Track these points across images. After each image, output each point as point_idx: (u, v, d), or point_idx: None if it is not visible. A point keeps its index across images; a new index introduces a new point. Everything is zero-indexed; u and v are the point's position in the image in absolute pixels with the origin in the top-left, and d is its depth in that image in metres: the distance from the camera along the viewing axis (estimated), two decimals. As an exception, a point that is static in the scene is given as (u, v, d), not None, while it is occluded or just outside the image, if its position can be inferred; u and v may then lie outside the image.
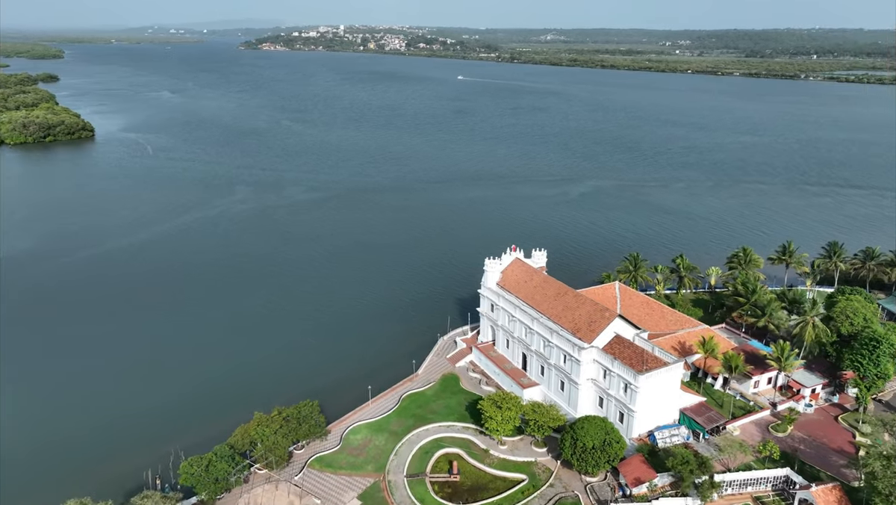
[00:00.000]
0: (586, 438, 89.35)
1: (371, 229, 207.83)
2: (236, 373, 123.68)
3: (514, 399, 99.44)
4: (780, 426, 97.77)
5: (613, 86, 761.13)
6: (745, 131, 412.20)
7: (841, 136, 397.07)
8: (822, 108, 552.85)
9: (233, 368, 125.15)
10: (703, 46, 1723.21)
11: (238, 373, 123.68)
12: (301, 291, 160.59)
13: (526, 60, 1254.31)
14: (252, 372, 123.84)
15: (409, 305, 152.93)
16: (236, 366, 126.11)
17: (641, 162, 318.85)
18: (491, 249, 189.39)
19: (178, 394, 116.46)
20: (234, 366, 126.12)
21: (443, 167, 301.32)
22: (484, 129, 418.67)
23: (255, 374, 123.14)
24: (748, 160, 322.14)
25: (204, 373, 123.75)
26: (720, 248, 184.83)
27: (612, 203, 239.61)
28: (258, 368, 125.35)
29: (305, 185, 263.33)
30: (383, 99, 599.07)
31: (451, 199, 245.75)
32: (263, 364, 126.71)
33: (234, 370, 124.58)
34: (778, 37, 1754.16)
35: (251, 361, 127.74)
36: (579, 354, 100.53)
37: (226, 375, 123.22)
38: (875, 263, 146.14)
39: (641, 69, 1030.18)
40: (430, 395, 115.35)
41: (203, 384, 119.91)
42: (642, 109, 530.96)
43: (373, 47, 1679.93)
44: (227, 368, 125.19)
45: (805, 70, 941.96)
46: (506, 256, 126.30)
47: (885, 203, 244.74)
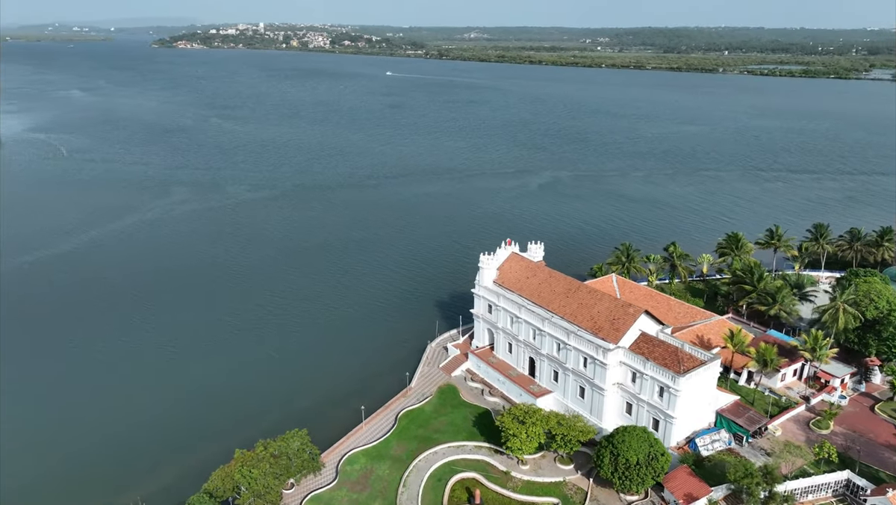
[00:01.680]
0: (629, 452, 78.42)
1: (332, 229, 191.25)
2: (204, 401, 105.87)
3: (537, 412, 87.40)
4: (821, 422, 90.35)
5: (545, 80, 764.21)
6: (685, 121, 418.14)
7: (770, 124, 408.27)
8: (744, 98, 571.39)
9: (200, 396, 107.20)
10: (622, 43, 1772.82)
11: (207, 401, 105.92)
12: (267, 300, 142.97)
13: (454, 57, 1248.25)
14: (223, 399, 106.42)
15: (389, 310, 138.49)
16: (204, 392, 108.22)
17: (592, 152, 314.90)
18: (464, 245, 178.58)
19: (134, 430, 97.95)
20: (200, 393, 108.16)
21: (393, 162, 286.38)
22: (426, 123, 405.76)
23: (227, 401, 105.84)
24: (696, 148, 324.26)
25: (165, 403, 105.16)
26: (697, 235, 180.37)
27: (576, 194, 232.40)
28: (229, 393, 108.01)
29: (248, 183, 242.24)
30: (315, 95, 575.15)
31: (410, 194, 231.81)
32: (235, 388, 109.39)
33: (201, 398, 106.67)
34: (689, 34, 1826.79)
35: (220, 386, 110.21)
36: (604, 357, 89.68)
37: (192, 404, 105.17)
38: (861, 244, 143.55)
39: (568, 64, 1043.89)
40: (429, 411, 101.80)
41: (165, 417, 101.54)
42: (579, 102, 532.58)
43: (296, 45, 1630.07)
44: (193, 397, 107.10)
45: (721, 64, 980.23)
46: (501, 250, 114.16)
47: (834, 186, 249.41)
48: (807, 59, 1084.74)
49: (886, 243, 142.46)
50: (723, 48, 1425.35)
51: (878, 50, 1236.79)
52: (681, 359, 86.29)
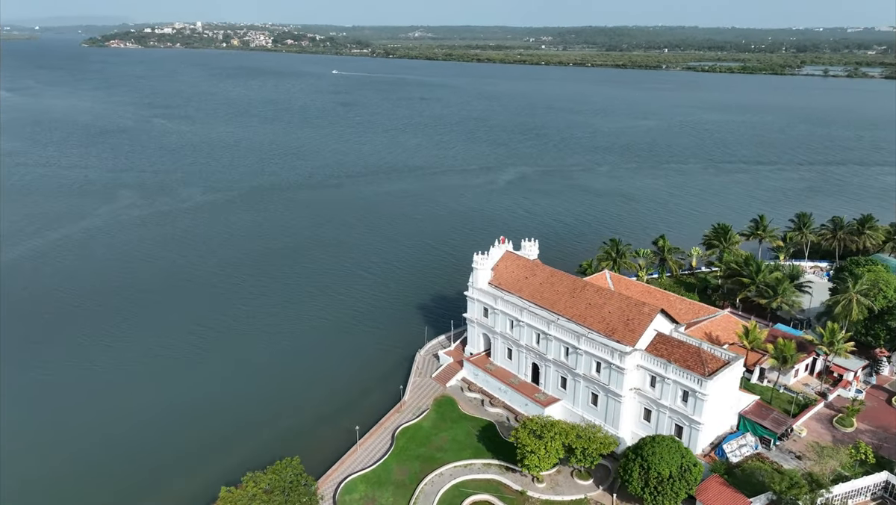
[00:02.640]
0: (661, 464, 72.00)
1: (298, 231, 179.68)
2: (177, 429, 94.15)
3: (556, 424, 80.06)
4: (844, 420, 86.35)
5: (494, 78, 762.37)
6: (639, 116, 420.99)
7: (719, 118, 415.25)
8: (690, 93, 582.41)
9: (170, 423, 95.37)
10: (565, 42, 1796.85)
11: (179, 428, 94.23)
12: (236, 310, 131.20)
13: (401, 55, 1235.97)
14: (199, 424, 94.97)
15: (370, 317, 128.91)
16: (174, 419, 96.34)
17: (553, 148, 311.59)
18: (441, 246, 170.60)
19: (98, 467, 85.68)
20: (170, 420, 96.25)
21: (353, 160, 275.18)
22: (382, 121, 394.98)
23: (203, 426, 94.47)
24: (655, 142, 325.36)
25: (131, 433, 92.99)
26: (673, 228, 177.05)
27: (546, 190, 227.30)
28: (205, 418, 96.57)
29: (202, 185, 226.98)
30: (261, 93, 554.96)
31: (375, 192, 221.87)
32: (211, 412, 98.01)
33: (171, 426, 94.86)
34: (629, 33, 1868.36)
35: (194, 410, 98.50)
36: (622, 361, 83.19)
37: (162, 433, 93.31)
38: (844, 232, 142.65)
39: (515, 62, 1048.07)
40: (427, 426, 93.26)
41: (134, 450, 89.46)
42: (532, 98, 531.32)
43: (237, 44, 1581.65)
44: (162, 424, 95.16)
45: (664, 61, 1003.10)
46: (494, 249, 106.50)
47: (793, 176, 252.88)
48: (742, 56, 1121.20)
49: (868, 231, 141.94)
50: (662, 46, 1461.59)
51: (805, 48, 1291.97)
52: (704, 360, 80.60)
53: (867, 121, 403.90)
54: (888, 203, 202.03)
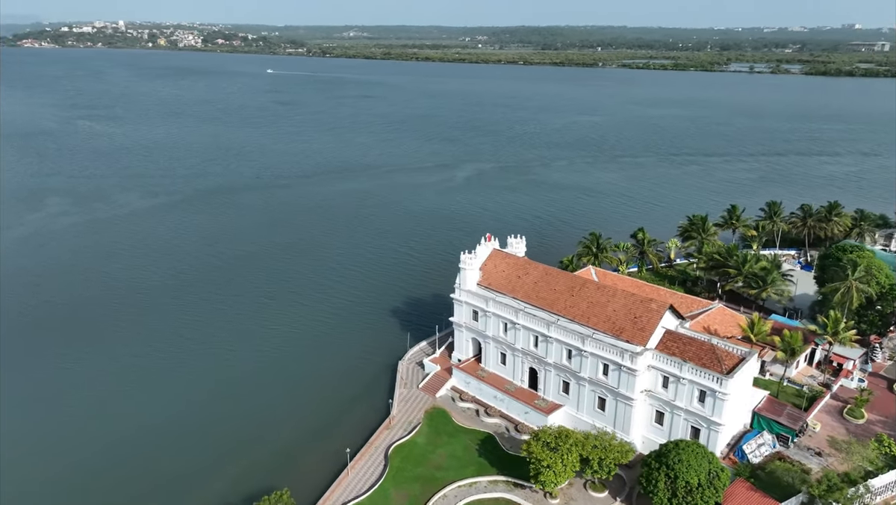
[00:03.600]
0: (689, 472, 66.79)
1: (253, 235, 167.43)
2: (140, 465, 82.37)
3: (570, 434, 73.87)
4: (854, 410, 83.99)
5: (435, 76, 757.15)
6: (584, 111, 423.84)
7: (662, 112, 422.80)
8: (628, 89, 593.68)
9: (130, 459, 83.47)
10: (501, 41, 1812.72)
11: (143, 464, 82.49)
12: (192, 324, 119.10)
13: (338, 55, 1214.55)
14: (166, 458, 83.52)
15: (344, 326, 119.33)
16: (135, 455, 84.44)
17: (506, 144, 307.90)
18: (407, 246, 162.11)
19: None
20: (129, 455, 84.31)
21: (302, 160, 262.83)
22: (327, 120, 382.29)
23: (173, 459, 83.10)
24: (605, 137, 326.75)
25: (84, 471, 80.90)
26: (640, 220, 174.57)
27: (508, 185, 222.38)
28: (172, 450, 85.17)
29: (140, 189, 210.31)
30: (195, 93, 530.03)
31: (330, 193, 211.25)
32: (179, 443, 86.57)
33: (133, 462, 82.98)
34: (562, 32, 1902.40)
35: (157, 442, 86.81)
36: (633, 362, 77.88)
37: (123, 471, 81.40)
38: (814, 220, 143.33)
39: (454, 61, 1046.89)
40: (422, 443, 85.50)
41: (92, 491, 77.61)
42: (477, 95, 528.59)
43: (164, 44, 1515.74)
44: (121, 461, 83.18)
45: (600, 59, 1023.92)
46: (480, 247, 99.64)
47: (744, 167, 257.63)
48: (671, 55, 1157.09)
49: (835, 218, 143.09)
50: (595, 45, 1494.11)
51: (728, 47, 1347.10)
52: (719, 357, 76.27)
53: (798, 114, 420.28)
54: (833, 191, 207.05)
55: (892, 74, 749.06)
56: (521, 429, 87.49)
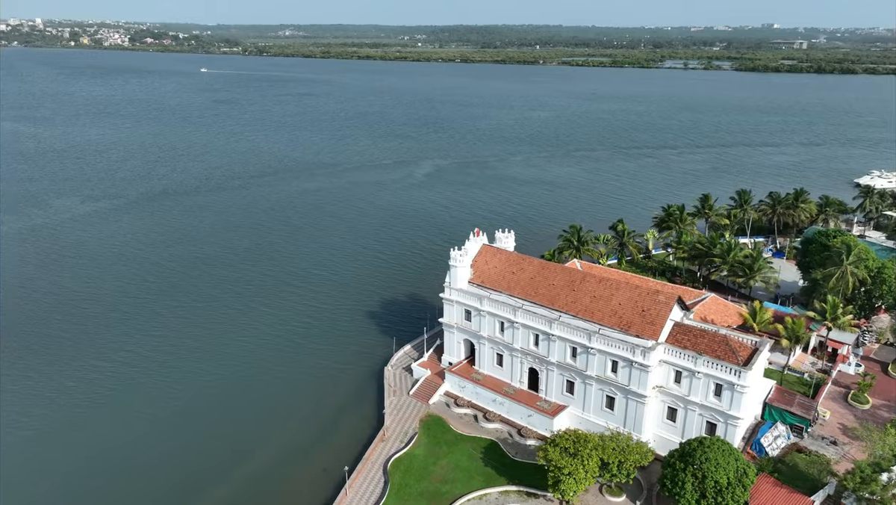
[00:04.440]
0: (718, 472, 63.46)
1: (208, 239, 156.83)
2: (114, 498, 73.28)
3: (589, 438, 69.46)
4: (859, 396, 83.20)
5: (378, 74, 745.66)
6: (534, 107, 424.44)
7: (608, 107, 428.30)
8: (573, 86, 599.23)
9: (116, 483, 74.27)
10: (440, 40, 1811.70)
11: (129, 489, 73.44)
12: (150, 337, 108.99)
13: (276, 53, 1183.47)
14: (150, 481, 74.60)
15: (321, 333, 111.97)
16: (123, 477, 75.21)
17: (461, 140, 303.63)
18: (375, 245, 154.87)
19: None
20: (116, 478, 75.05)
21: (253, 159, 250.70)
22: (274, 118, 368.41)
23: (153, 494, 74.17)
24: (557, 132, 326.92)
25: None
26: (611, 212, 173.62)
27: (470, 181, 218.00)
28: (151, 481, 76.11)
29: (79, 194, 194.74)
30: (127, 93, 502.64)
31: (288, 192, 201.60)
32: (157, 473, 77.64)
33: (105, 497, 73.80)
34: (499, 31, 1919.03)
35: (132, 473, 77.67)
36: (645, 358, 74.31)
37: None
38: (782, 207, 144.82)
39: (396, 59, 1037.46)
40: (422, 455, 79.64)
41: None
42: (424, 93, 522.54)
43: (88, 42, 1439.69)
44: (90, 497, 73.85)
45: (540, 57, 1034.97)
46: (470, 242, 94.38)
47: (696, 158, 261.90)
48: (608, 52, 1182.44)
49: (802, 205, 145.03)
50: (534, 43, 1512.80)
51: (660, 44, 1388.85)
52: (733, 347, 73.61)
53: (736, 107, 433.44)
54: (785, 179, 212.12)
55: (814, 70, 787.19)
56: (525, 433, 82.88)
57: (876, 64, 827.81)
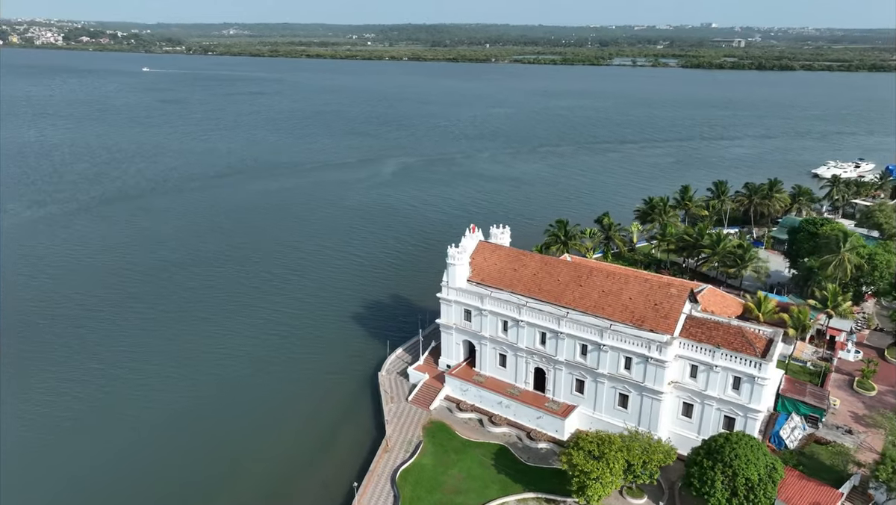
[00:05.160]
0: (749, 468, 61.43)
1: (173, 244, 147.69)
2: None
3: (613, 439, 66.38)
4: (865, 383, 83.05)
5: (331, 72, 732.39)
6: (493, 105, 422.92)
7: (565, 104, 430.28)
8: (528, 83, 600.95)
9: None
10: (389, 39, 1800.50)
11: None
12: (118, 350, 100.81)
13: (222, 52, 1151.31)
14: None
15: (306, 340, 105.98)
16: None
17: (424, 137, 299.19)
18: (354, 246, 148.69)
19: None
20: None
21: (212, 160, 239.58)
22: (228, 117, 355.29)
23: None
24: (519, 128, 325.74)
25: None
26: (584, 206, 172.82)
27: (439, 178, 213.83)
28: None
29: (24, 198, 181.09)
30: (67, 92, 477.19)
31: (254, 193, 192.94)
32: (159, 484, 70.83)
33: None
34: (448, 30, 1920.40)
35: (131, 487, 70.67)
36: (661, 353, 71.88)
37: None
38: (759, 197, 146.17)
39: (347, 57, 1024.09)
40: (430, 464, 75.24)
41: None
42: (380, 91, 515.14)
43: (17, 41, 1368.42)
44: None
45: (492, 55, 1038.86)
46: (466, 239, 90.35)
47: (659, 152, 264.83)
48: (557, 50, 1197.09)
49: (776, 195, 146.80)
50: (484, 42, 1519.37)
51: (606, 43, 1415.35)
52: (749, 339, 71.92)
53: (689, 102, 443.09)
54: (747, 171, 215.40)
55: (756, 67, 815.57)
56: (535, 436, 79.46)
57: (811, 61, 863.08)
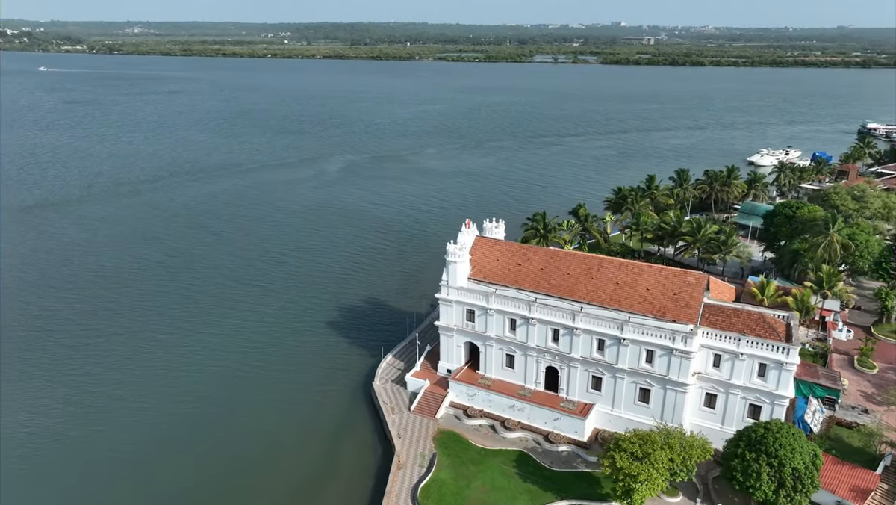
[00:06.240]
0: (795, 458, 59.64)
1: (108, 255, 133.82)
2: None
3: (653, 438, 62.99)
4: (865, 362, 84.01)
5: (250, 70, 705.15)
6: (427, 102, 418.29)
7: (499, 100, 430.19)
8: (456, 80, 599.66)
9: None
10: (306, 37, 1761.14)
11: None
12: (80, 372, 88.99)
13: (129, 52, 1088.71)
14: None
15: (285, 353, 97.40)
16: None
17: (364, 134, 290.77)
18: (316, 249, 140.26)
19: None
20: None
21: (138, 164, 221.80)
22: (147, 118, 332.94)
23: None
24: (458, 124, 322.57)
25: None
26: (546, 199, 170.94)
27: (390, 175, 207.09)
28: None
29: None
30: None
31: (191, 197, 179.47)
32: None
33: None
34: (367, 28, 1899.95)
35: None
36: (687, 344, 69.38)
37: None
38: (719, 184, 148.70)
39: (266, 56, 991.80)
40: (449, 478, 69.66)
41: None
42: (306, 89, 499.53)
43: None
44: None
45: (416, 53, 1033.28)
46: (463, 234, 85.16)
47: (601, 144, 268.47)
48: (479, 48, 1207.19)
49: (734, 181, 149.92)
50: (404, 40, 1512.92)
51: (525, 41, 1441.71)
52: (771, 324, 70.58)
53: (616, 97, 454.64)
54: (688, 160, 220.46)
55: (669, 63, 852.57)
56: (554, 438, 75.38)
57: (717, 57, 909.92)
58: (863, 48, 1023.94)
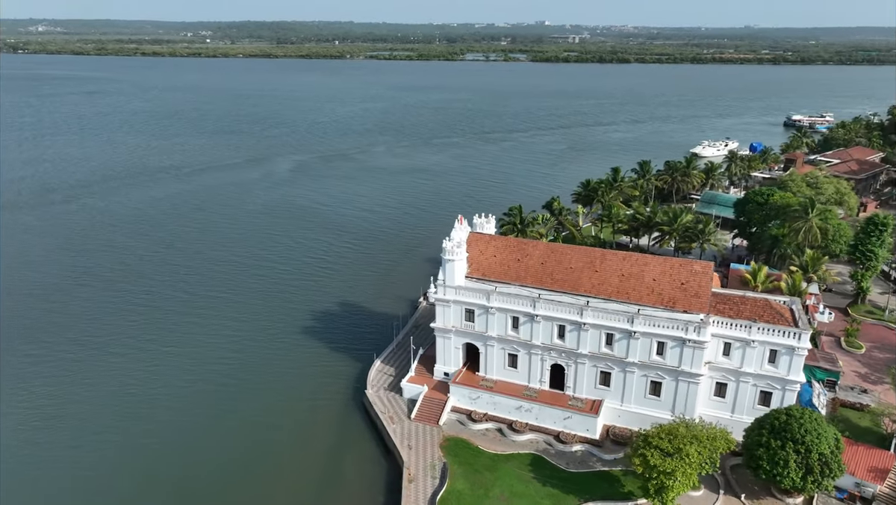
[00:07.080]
0: (821, 443, 59.40)
1: (43, 266, 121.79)
2: None
3: (679, 432, 61.18)
4: (853, 342, 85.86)
5: (174, 70, 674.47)
6: (366, 100, 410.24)
7: (436, 97, 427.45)
8: (391, 78, 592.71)
9: None
10: (229, 36, 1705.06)
11: None
12: (39, 392, 79.26)
13: (36, 50, 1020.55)
14: None
15: (269, 364, 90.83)
16: None
17: (307, 133, 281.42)
18: (273, 253, 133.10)
19: None
20: None
21: (69, 169, 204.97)
22: (68, 120, 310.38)
23: None
24: (404, 122, 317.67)
25: None
26: (510, 194, 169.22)
27: (343, 174, 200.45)
28: None
29: None
30: None
31: (133, 203, 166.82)
32: None
33: None
34: (291, 27, 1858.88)
35: None
36: (699, 334, 68.27)
37: None
38: (680, 174, 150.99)
39: (190, 55, 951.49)
40: (466, 489, 65.96)
41: None
42: (238, 88, 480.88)
43: None
44: None
45: (347, 52, 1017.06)
46: (456, 231, 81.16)
47: (550, 139, 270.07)
48: (409, 47, 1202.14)
49: (693, 171, 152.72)
50: (332, 39, 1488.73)
51: (454, 39, 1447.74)
52: (777, 310, 70.56)
53: (553, 93, 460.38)
54: (636, 153, 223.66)
55: (596, 60, 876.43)
56: (565, 438, 72.87)
57: (641, 55, 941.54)
58: (770, 46, 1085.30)
